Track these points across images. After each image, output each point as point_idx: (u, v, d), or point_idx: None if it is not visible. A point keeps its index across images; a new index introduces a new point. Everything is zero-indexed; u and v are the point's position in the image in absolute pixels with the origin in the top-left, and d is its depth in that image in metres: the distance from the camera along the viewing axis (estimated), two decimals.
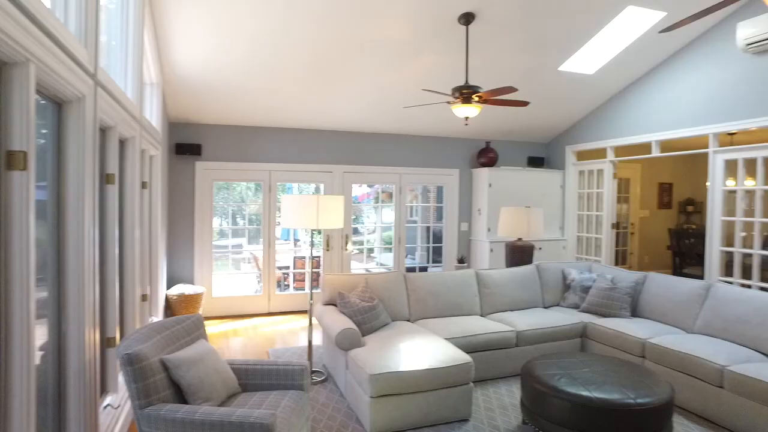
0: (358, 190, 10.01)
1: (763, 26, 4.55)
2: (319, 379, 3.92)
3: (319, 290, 6.49)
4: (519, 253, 5.19)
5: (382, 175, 6.98)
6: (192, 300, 5.54)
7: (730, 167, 5.21)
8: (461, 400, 3.24)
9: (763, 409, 2.97)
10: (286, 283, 7.19)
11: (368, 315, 3.79)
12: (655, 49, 5.49)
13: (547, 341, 4.17)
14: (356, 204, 9.45)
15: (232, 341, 5.09)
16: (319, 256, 6.86)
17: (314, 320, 5.70)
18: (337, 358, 3.75)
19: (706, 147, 5.40)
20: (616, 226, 6.92)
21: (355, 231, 8.92)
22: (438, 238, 7.55)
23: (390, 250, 7.22)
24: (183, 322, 2.67)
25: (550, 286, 4.89)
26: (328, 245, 6.68)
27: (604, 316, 4.38)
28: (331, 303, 4.13)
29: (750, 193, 5.07)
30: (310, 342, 4.06)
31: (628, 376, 2.93)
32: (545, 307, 4.81)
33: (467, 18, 4.40)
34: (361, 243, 8.88)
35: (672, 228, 8.46)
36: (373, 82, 5.43)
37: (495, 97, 4.51)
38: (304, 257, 7.31)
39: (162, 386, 2.22)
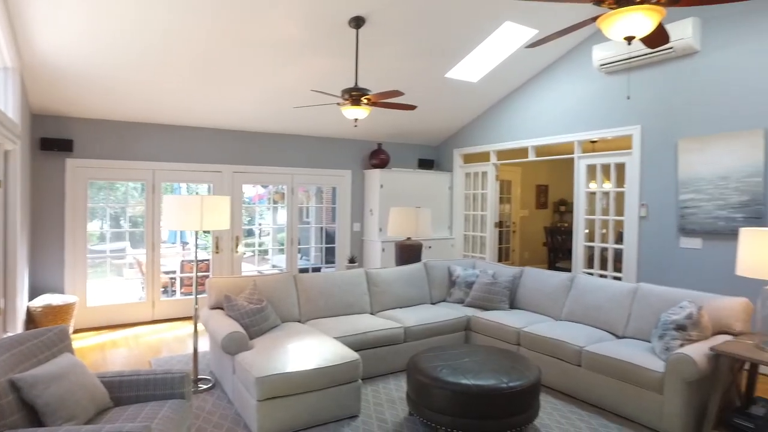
0: (252, 190, 9.74)
1: (612, 50, 5.17)
2: (206, 387, 3.77)
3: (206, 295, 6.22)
4: (408, 252, 5.38)
5: (274, 176, 6.86)
6: (60, 311, 5.03)
7: (591, 171, 5.84)
8: (350, 397, 3.29)
9: (610, 381, 3.38)
10: (173, 288, 6.80)
11: (256, 317, 3.71)
12: (530, 63, 5.99)
13: (433, 335, 4.38)
14: (250, 205, 9.19)
15: (110, 354, 4.71)
16: (208, 260, 6.58)
17: (201, 326, 5.45)
18: (224, 363, 3.63)
19: (573, 153, 5.99)
20: (499, 224, 7.43)
21: (250, 233, 8.67)
22: (332, 238, 7.58)
23: (284, 251, 7.12)
24: (42, 336, 2.42)
25: (437, 283, 5.13)
26: (217, 247, 6.43)
27: (486, 309, 4.69)
28: (217, 307, 3.98)
29: (606, 195, 5.71)
30: (195, 349, 3.89)
31: (503, 363, 3.16)
32: (433, 303, 5.03)
33: (357, 22, 4.48)
34: (256, 245, 8.65)
35: (547, 226, 9.27)
36: (264, 81, 5.32)
37: (383, 100, 4.64)
38: (193, 260, 6.96)
39: (10, 410, 1.99)
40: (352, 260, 5.57)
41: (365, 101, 4.49)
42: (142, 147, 5.93)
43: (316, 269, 7.56)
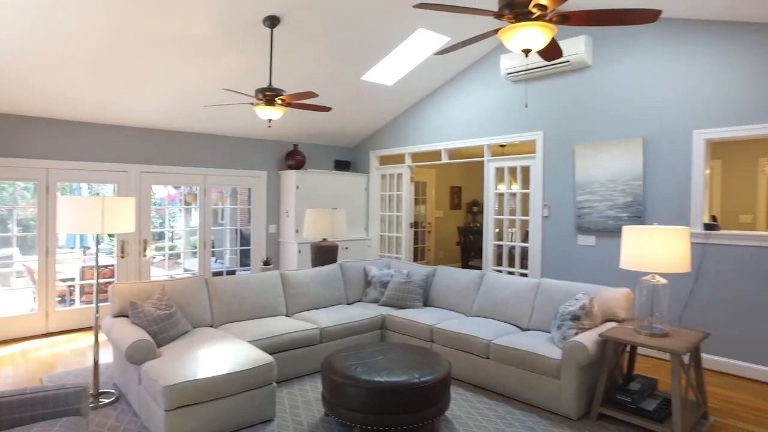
0: (163, 191, 9.25)
1: (517, 61, 5.51)
2: (109, 401, 3.54)
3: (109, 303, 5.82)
4: (324, 253, 5.39)
5: (186, 176, 6.58)
6: None
7: (500, 174, 6.17)
8: (265, 401, 3.25)
9: (516, 370, 3.61)
10: (71, 297, 6.29)
11: (165, 324, 3.55)
12: (443, 69, 6.22)
13: (349, 335, 4.42)
14: (160, 206, 8.73)
15: None
16: (112, 265, 6.17)
17: (104, 336, 5.10)
18: (129, 374, 3.43)
19: (483, 156, 6.30)
20: (415, 225, 7.64)
21: (161, 235, 8.23)
22: (247, 240, 7.40)
23: (197, 254, 6.84)
24: None
25: (353, 283, 5.18)
26: (123, 252, 6.05)
27: (401, 307, 4.81)
28: (122, 315, 3.76)
29: (514, 196, 6.07)
30: (96, 361, 3.64)
31: (415, 359, 3.27)
32: (349, 304, 5.08)
33: (272, 21, 4.43)
34: (166, 248, 8.22)
35: (460, 226, 9.66)
36: (175, 77, 5.09)
37: (298, 101, 4.62)
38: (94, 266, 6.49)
39: None
40: (267, 262, 5.48)
41: (279, 102, 4.45)
42: (33, 143, 5.44)
43: (231, 272, 7.34)
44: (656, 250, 3.17)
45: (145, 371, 3.07)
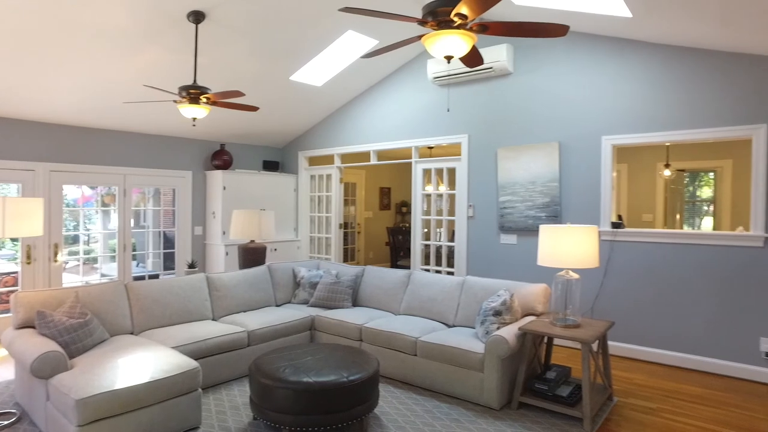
0: (77, 192, 8.64)
1: (443, 66, 5.70)
2: (9, 422, 3.27)
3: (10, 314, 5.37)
4: (252, 255, 5.29)
5: (104, 176, 6.21)
6: None
7: (427, 175, 6.34)
8: (190, 407, 3.15)
9: (442, 366, 3.73)
10: None
11: (79, 333, 3.34)
12: (372, 71, 6.30)
13: (278, 337, 4.37)
14: (74, 208, 8.14)
15: None
16: (16, 272, 5.70)
17: (3, 350, 4.70)
18: (35, 390, 3.19)
19: (411, 158, 6.44)
20: (344, 226, 7.66)
21: (75, 239, 7.69)
22: (172, 243, 7.10)
23: (116, 258, 6.47)
24: None
25: (281, 285, 5.13)
26: (28, 257, 5.60)
27: (330, 308, 4.82)
28: (27, 326, 3.49)
29: (441, 197, 6.26)
30: None
31: (344, 359, 3.30)
32: (278, 305, 5.02)
33: (197, 16, 4.29)
34: (81, 252, 7.68)
35: (390, 226, 9.81)
36: (91, 71, 4.79)
37: (224, 100, 4.51)
38: None
39: None
40: (192, 265, 5.30)
41: (204, 100, 4.32)
42: None
43: (154, 276, 7.00)
44: (569, 247, 3.40)
45: (55, 385, 2.87)
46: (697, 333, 4.38)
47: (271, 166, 7.92)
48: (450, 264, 6.07)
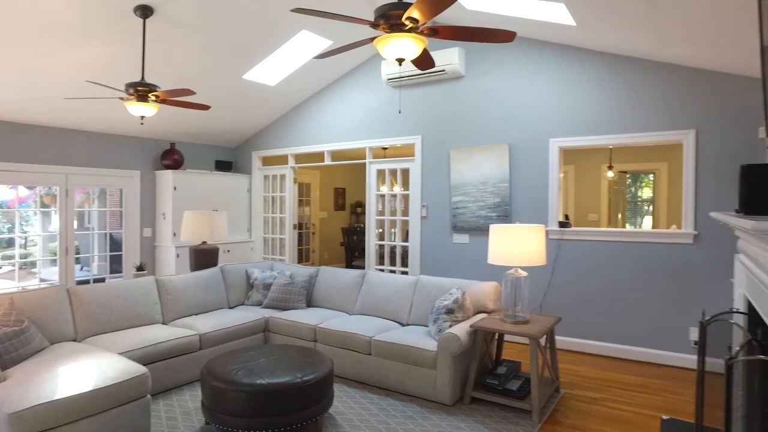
0: (10, 192, 8.16)
1: (397, 67, 5.76)
2: None
3: None
4: (204, 257, 5.18)
5: (42, 175, 5.91)
6: None
7: (381, 175, 6.39)
8: (138, 415, 3.05)
9: (396, 364, 3.78)
10: None
11: (14, 342, 3.18)
12: (327, 71, 6.28)
13: (231, 340, 4.30)
14: (8, 209, 7.69)
15: None
16: None
17: None
18: None
19: (365, 158, 6.48)
20: (299, 226, 7.61)
21: (10, 242, 7.27)
22: (119, 245, 6.84)
23: (57, 262, 6.17)
24: None
25: (234, 287, 5.05)
26: None
27: (284, 309, 4.78)
28: None
29: (395, 197, 6.32)
30: None
31: (298, 359, 3.29)
32: (230, 308, 4.94)
33: (144, 11, 4.16)
34: (17, 257, 7.26)
35: (344, 227, 9.80)
36: (27, 63, 4.55)
37: (174, 98, 4.40)
38: None
39: None
40: (140, 268, 5.13)
41: (153, 98, 4.20)
42: None
43: (99, 280, 6.73)
44: (517, 246, 3.53)
45: None
46: (636, 325, 4.62)
47: (223, 166, 7.76)
48: (404, 264, 6.14)
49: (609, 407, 3.59)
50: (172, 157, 6.88)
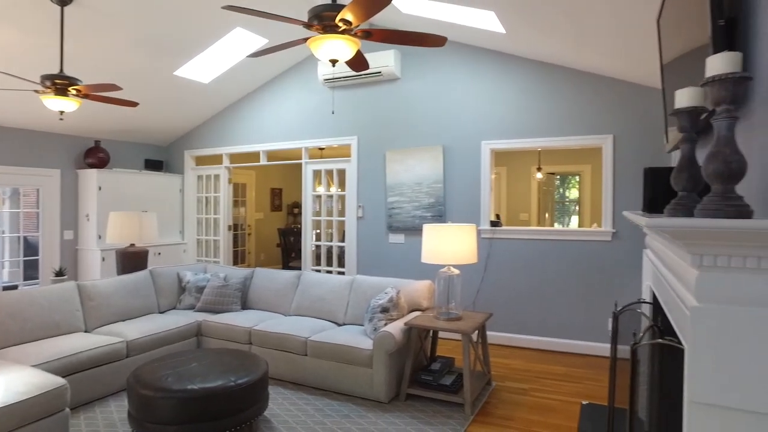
0: None
1: (333, 68, 5.75)
2: None
3: None
4: (132, 260, 4.96)
5: None
6: None
7: (318, 176, 6.37)
8: (55, 431, 2.88)
9: (332, 364, 3.79)
10: None
11: None
12: (262, 70, 6.18)
13: (161, 346, 4.14)
14: None
15: None
16: None
17: None
18: None
19: (301, 158, 6.43)
20: (234, 228, 7.43)
21: None
22: (35, 249, 6.39)
23: None
24: None
25: (165, 291, 4.86)
26: None
27: (218, 312, 4.66)
28: None
29: (331, 197, 6.32)
30: None
31: (232, 363, 3.23)
32: (161, 312, 4.75)
33: None
34: None
35: (281, 228, 9.66)
36: None
37: (98, 93, 4.18)
38: None
39: None
40: (60, 273, 4.82)
41: (74, 92, 3.97)
42: None
43: (11, 287, 6.25)
44: (449, 245, 3.64)
45: None
46: (561, 319, 4.89)
47: (154, 165, 7.44)
48: (341, 264, 6.15)
49: (536, 397, 3.77)
50: (96, 156, 6.52)
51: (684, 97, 1.47)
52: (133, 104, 4.40)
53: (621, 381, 2.90)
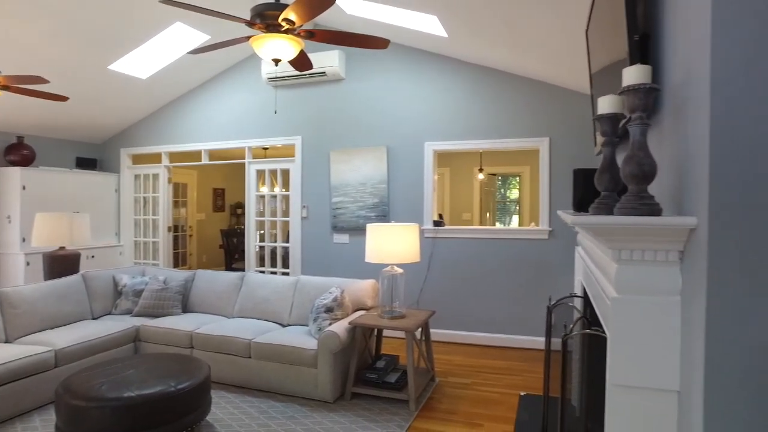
0: None
1: (278, 66, 5.69)
2: None
3: None
4: (61, 264, 4.70)
5: None
6: None
7: (261, 176, 6.28)
8: None
9: (277, 365, 3.76)
10: None
11: None
12: (204, 67, 6.02)
13: (95, 353, 3.95)
14: None
15: None
16: None
17: None
18: None
19: (244, 158, 6.31)
20: (175, 229, 7.19)
21: None
22: None
23: None
24: None
25: (99, 295, 4.64)
26: None
27: (158, 316, 4.51)
28: None
29: (275, 198, 6.25)
30: None
31: (171, 368, 3.13)
32: (95, 318, 4.54)
33: None
34: None
35: (224, 229, 9.44)
36: None
37: (21, 86, 3.94)
38: None
39: None
40: None
41: None
42: None
43: None
44: (392, 244, 3.70)
45: None
46: (503, 315, 5.07)
47: (86, 163, 7.07)
48: (285, 265, 6.09)
49: (479, 390, 3.90)
50: (19, 153, 6.12)
51: (605, 104, 1.58)
52: (63, 99, 4.18)
53: (555, 371, 3.07)
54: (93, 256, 6.55)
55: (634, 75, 1.30)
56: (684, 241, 1.27)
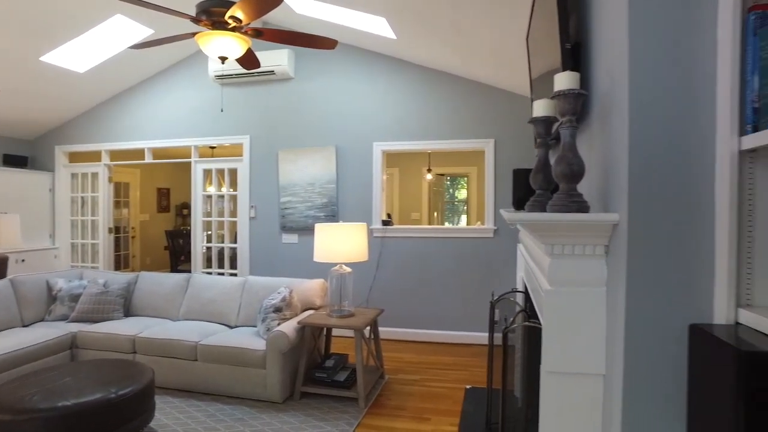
0: None
1: (226, 64, 5.59)
2: None
3: None
4: None
5: None
6: None
7: (208, 175, 6.14)
8: None
9: (224, 368, 3.70)
10: None
11: None
12: (148, 62, 5.81)
13: (25, 363, 3.73)
14: None
15: None
16: None
17: None
18: None
19: (190, 157, 6.15)
20: (115, 230, 6.90)
21: None
22: None
23: None
24: None
25: (31, 301, 4.40)
26: None
27: (97, 321, 4.32)
28: None
29: (222, 198, 6.13)
30: None
31: (112, 374, 3.02)
32: (25, 326, 4.29)
33: None
34: None
35: (169, 230, 9.16)
36: None
37: None
38: None
39: None
40: None
41: None
42: None
43: None
44: (340, 244, 3.72)
45: None
46: (450, 312, 5.20)
47: (16, 161, 6.66)
48: (233, 266, 5.99)
49: (427, 386, 3.99)
50: None
51: (540, 108, 1.68)
52: None
53: (498, 364, 3.19)
54: (24, 260, 6.18)
55: (564, 81, 1.39)
56: (609, 236, 1.38)
